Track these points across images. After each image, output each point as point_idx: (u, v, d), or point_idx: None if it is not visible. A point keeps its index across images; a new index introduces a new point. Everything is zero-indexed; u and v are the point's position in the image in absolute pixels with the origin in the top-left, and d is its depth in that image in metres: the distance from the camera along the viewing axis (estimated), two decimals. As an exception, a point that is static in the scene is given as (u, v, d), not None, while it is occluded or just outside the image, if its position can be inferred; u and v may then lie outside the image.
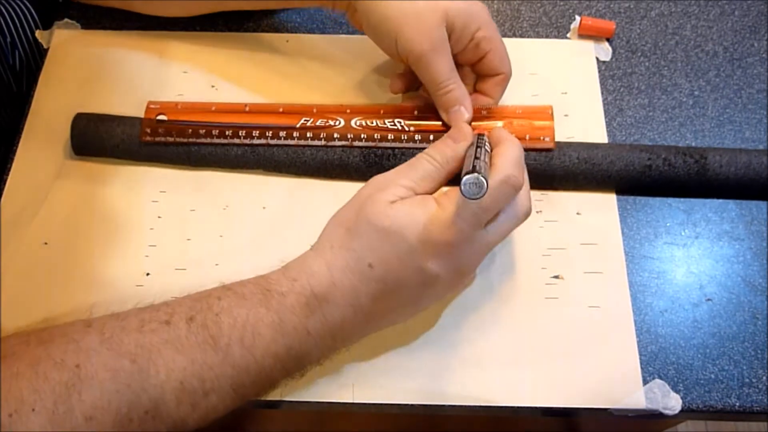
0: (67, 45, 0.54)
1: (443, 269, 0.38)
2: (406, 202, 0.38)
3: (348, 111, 0.49)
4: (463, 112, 0.47)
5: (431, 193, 0.40)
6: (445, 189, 0.40)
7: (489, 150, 0.40)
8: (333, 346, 0.39)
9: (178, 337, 0.35)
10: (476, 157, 0.37)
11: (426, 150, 0.42)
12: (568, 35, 0.56)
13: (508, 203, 0.39)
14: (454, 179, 0.40)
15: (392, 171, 0.41)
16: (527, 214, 0.41)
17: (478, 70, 0.49)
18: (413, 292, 0.39)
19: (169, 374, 0.34)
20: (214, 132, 0.48)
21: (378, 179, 0.40)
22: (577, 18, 0.56)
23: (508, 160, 0.39)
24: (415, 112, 0.49)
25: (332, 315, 0.38)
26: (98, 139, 0.48)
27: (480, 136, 0.42)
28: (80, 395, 0.33)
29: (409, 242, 0.37)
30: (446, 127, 0.48)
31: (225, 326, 0.36)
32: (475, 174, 0.34)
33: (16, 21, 0.54)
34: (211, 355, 0.35)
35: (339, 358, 0.43)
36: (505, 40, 0.55)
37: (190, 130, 0.48)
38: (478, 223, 0.38)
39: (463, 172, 0.35)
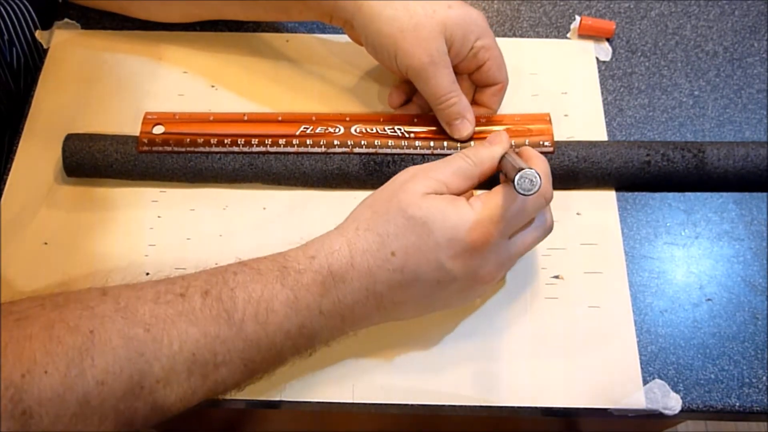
0: (67, 45, 0.54)
1: (462, 271, 0.38)
2: (439, 197, 0.38)
3: (348, 119, 0.49)
4: (466, 124, 0.47)
5: (463, 192, 0.40)
6: (477, 192, 0.40)
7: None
8: (342, 328, 0.39)
9: (192, 310, 0.36)
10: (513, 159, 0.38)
11: (462, 150, 0.42)
12: (568, 35, 0.56)
13: (537, 214, 0.40)
14: (486, 183, 0.41)
15: (427, 164, 0.41)
16: (550, 230, 0.42)
17: (476, 80, 0.49)
18: (428, 288, 0.38)
19: (182, 345, 0.35)
20: (212, 141, 0.48)
21: (413, 170, 0.40)
22: (577, 18, 0.56)
23: (541, 173, 0.39)
24: (415, 119, 0.49)
25: (346, 296, 0.38)
26: (91, 159, 0.47)
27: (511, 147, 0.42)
28: (93, 360, 0.33)
29: (435, 237, 0.37)
30: (446, 134, 0.48)
31: (240, 301, 0.36)
32: (533, 170, 0.35)
33: (14, 20, 0.54)
34: (224, 329, 0.36)
35: (339, 358, 0.43)
36: (505, 40, 0.55)
37: (188, 140, 0.48)
38: (506, 230, 0.38)
39: (518, 168, 0.36)
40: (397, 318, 0.41)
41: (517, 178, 0.35)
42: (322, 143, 0.48)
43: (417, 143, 0.48)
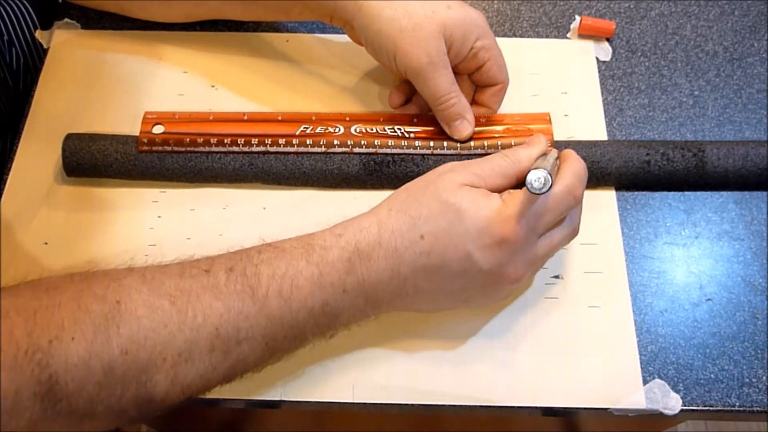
0: (67, 45, 0.54)
1: (489, 263, 0.38)
2: (475, 189, 0.39)
3: (347, 118, 0.49)
4: (465, 125, 0.47)
5: (501, 190, 0.40)
6: (511, 190, 0.40)
7: (557, 163, 0.41)
8: (364, 309, 0.39)
9: (216, 285, 0.36)
10: (544, 160, 0.39)
11: (503, 150, 0.43)
12: (568, 35, 0.56)
13: (567, 213, 0.40)
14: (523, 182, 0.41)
15: (467, 161, 0.41)
16: (577, 231, 0.42)
17: (476, 80, 0.49)
18: (453, 277, 0.38)
19: (205, 319, 0.35)
20: (212, 140, 0.48)
21: (453, 164, 0.41)
22: (577, 18, 0.56)
23: (573, 172, 0.40)
24: (415, 119, 0.49)
25: (370, 275, 0.38)
26: (91, 158, 0.47)
27: (552, 150, 0.43)
28: (118, 328, 0.34)
29: (465, 225, 0.37)
30: (446, 134, 0.48)
31: (264, 277, 0.37)
32: (541, 169, 0.36)
33: (14, 19, 0.54)
34: (248, 304, 0.36)
35: (339, 358, 0.43)
36: (505, 40, 0.55)
37: (188, 139, 0.48)
38: (537, 227, 0.38)
39: (535, 167, 0.37)
40: (418, 308, 0.41)
41: (528, 176, 0.36)
42: (322, 143, 0.48)
43: (417, 143, 0.48)
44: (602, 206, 0.48)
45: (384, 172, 0.48)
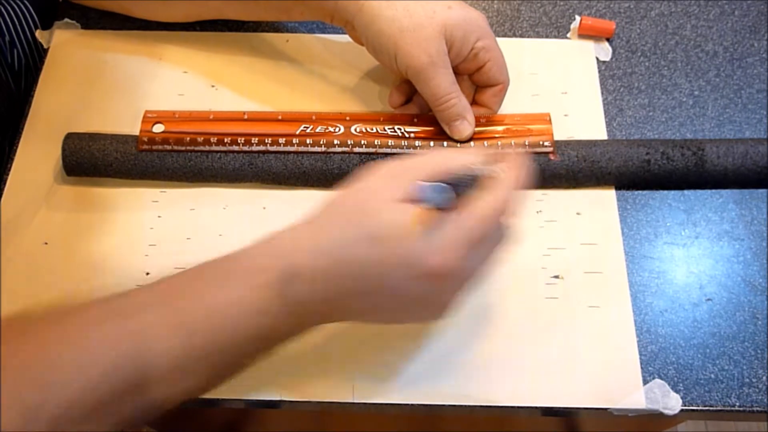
0: (67, 45, 0.54)
1: (416, 292, 0.36)
2: (406, 212, 0.36)
3: (348, 118, 0.49)
4: (466, 125, 0.47)
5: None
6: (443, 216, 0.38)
7: (479, 182, 0.39)
8: (301, 328, 0.39)
9: (147, 323, 0.35)
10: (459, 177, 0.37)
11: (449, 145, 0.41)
12: (568, 35, 0.56)
13: (502, 237, 0.38)
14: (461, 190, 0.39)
15: (399, 162, 0.38)
16: (511, 241, 0.40)
17: (477, 80, 0.49)
18: (380, 301, 0.37)
19: (157, 355, 0.34)
20: (212, 140, 0.48)
21: (385, 168, 0.38)
22: (577, 18, 0.56)
23: (509, 194, 0.37)
24: (415, 119, 0.49)
25: (303, 296, 0.37)
26: (91, 158, 0.47)
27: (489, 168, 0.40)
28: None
29: (396, 254, 0.35)
30: (446, 134, 0.48)
31: (197, 306, 0.36)
32: (438, 184, 0.35)
33: (15, 20, 0.54)
34: (182, 337, 0.35)
35: (339, 358, 0.43)
36: (505, 40, 0.55)
37: (188, 138, 0.48)
38: (467, 255, 0.36)
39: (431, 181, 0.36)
40: (356, 322, 0.40)
41: (424, 192, 0.35)
42: (322, 143, 0.48)
43: (417, 143, 0.48)
44: (602, 206, 0.48)
45: (384, 172, 0.48)
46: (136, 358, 0.34)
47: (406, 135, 0.48)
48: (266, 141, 0.48)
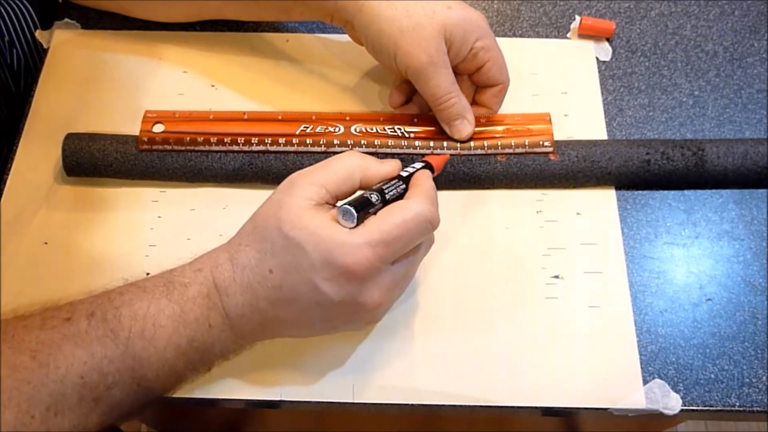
0: (67, 45, 0.54)
1: (339, 295, 0.36)
2: (317, 216, 0.37)
3: (347, 118, 0.49)
4: (466, 125, 0.47)
5: (345, 195, 0.39)
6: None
7: (401, 191, 0.40)
8: (235, 341, 0.39)
9: (78, 332, 0.35)
10: (373, 190, 0.38)
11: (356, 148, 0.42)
12: (568, 35, 0.56)
13: (424, 239, 0.39)
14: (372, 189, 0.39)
15: (309, 168, 0.39)
16: (432, 242, 0.41)
17: (477, 80, 0.49)
18: (307, 309, 0.37)
19: (68, 369, 0.34)
20: (212, 140, 0.48)
21: (294, 177, 0.39)
22: (577, 18, 0.56)
23: (426, 197, 0.38)
24: (415, 119, 0.49)
25: (231, 310, 0.37)
26: (91, 158, 0.47)
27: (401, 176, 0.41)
28: None
29: (310, 258, 0.36)
30: (446, 134, 0.48)
31: (125, 319, 0.36)
32: (346, 206, 0.36)
33: (15, 20, 0.54)
34: (111, 348, 0.35)
35: (339, 358, 0.43)
36: (505, 40, 0.55)
37: (188, 138, 0.48)
38: (387, 256, 0.37)
39: (348, 200, 0.37)
40: (290, 335, 0.41)
41: (337, 212, 0.36)
42: (322, 142, 0.48)
43: (417, 143, 0.48)
44: (602, 206, 0.48)
45: (384, 172, 0.48)
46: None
47: (406, 135, 0.48)
48: (266, 141, 0.48)
